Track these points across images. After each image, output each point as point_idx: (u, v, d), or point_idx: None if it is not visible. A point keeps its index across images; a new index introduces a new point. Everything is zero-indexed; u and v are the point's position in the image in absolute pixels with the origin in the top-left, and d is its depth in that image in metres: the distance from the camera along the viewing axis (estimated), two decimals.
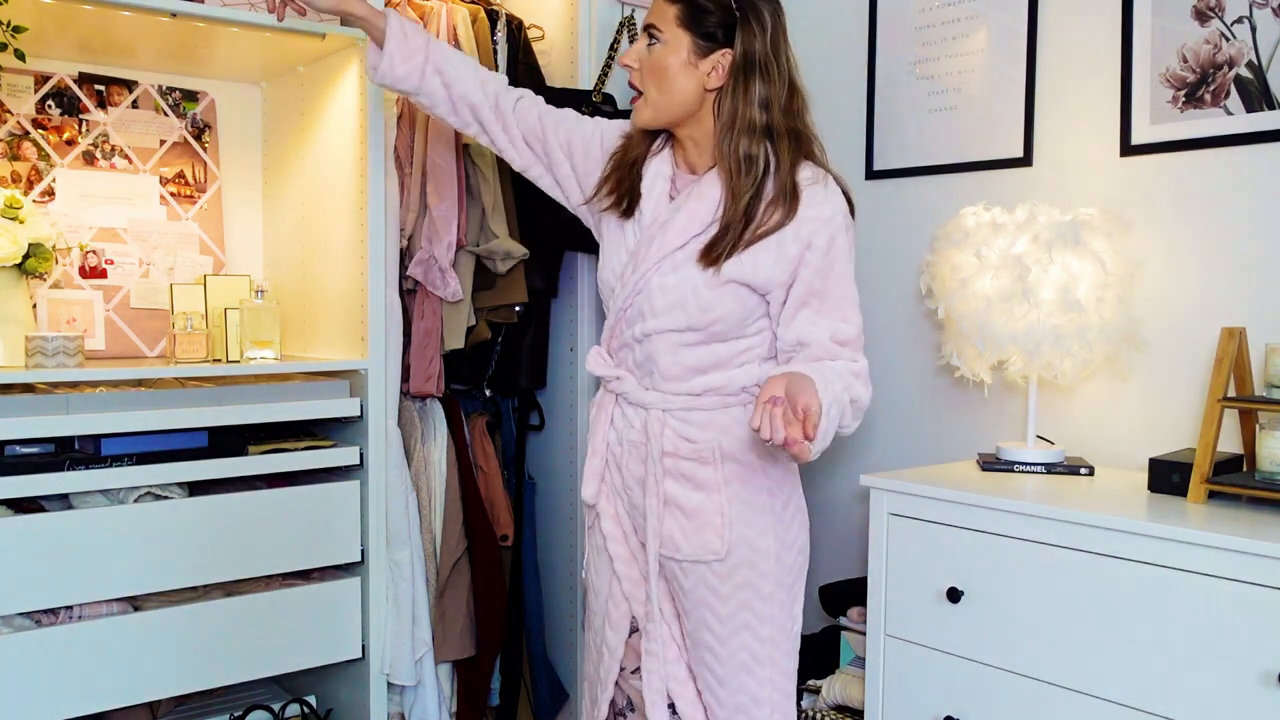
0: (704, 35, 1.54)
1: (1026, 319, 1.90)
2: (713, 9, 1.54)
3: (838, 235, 1.57)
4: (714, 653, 1.62)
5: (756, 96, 1.54)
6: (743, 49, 1.54)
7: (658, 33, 1.57)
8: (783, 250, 1.55)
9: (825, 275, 1.56)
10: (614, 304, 1.65)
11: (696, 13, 1.54)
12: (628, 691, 1.73)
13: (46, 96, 2.19)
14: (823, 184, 1.58)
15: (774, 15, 1.57)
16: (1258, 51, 1.86)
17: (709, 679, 1.64)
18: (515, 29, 2.38)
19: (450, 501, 2.31)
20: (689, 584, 1.62)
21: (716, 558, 1.58)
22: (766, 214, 1.55)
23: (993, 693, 1.76)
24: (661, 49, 1.56)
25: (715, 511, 1.58)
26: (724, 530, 1.58)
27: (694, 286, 1.56)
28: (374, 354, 2.11)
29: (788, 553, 1.63)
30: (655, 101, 1.59)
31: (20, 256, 1.85)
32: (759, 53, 1.54)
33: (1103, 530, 1.61)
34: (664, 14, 1.57)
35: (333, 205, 2.20)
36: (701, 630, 1.61)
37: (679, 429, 1.61)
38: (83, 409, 1.81)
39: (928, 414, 2.40)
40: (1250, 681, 1.47)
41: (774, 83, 1.55)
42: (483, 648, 2.32)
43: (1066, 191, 2.13)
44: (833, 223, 1.56)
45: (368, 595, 2.14)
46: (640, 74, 1.60)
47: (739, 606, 1.59)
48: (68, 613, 1.84)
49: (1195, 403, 1.96)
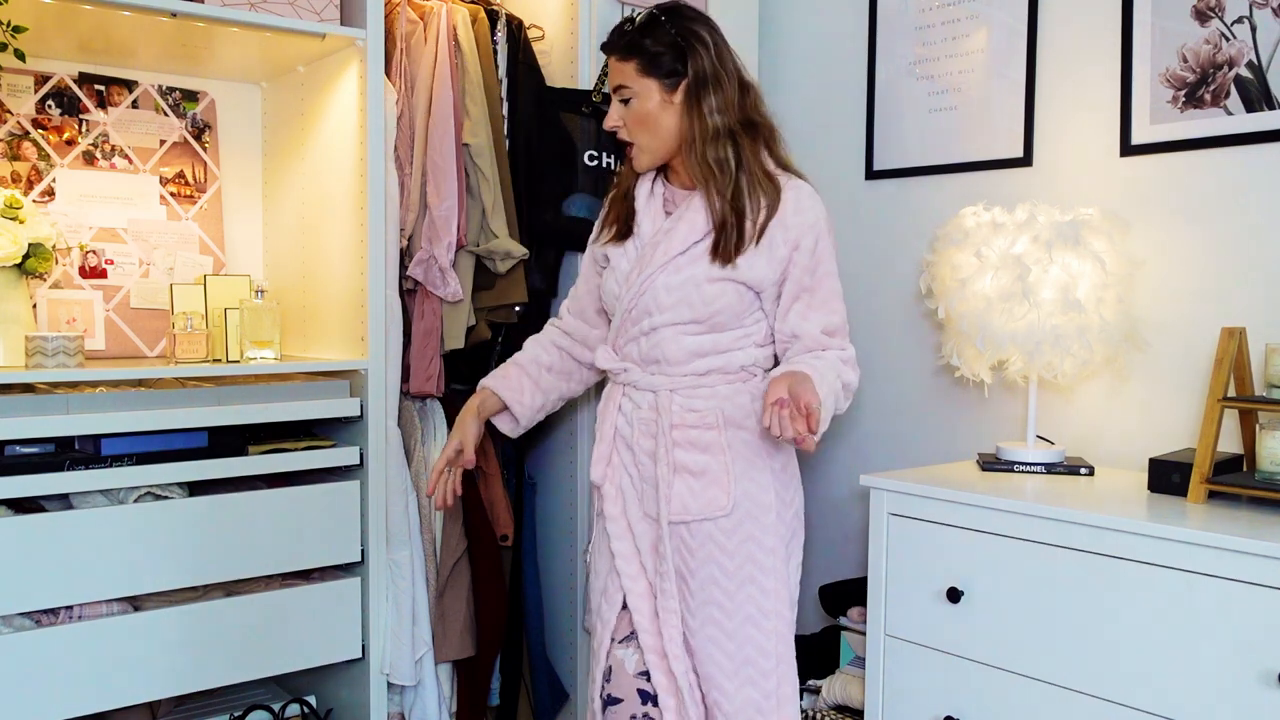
0: (666, 74, 1.70)
1: (1026, 319, 1.90)
2: (663, 49, 1.69)
3: (821, 237, 1.74)
4: (722, 608, 1.71)
5: (713, 106, 1.68)
6: (694, 72, 1.69)
7: (626, 89, 1.72)
8: (774, 253, 1.71)
9: (813, 273, 1.73)
10: (620, 306, 1.78)
11: (651, 59, 1.69)
12: (610, 662, 1.80)
13: (46, 96, 2.19)
14: (795, 189, 1.73)
15: (710, 30, 1.73)
16: (1258, 51, 1.86)
17: (717, 635, 1.71)
18: (515, 29, 2.38)
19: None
20: (696, 543, 1.72)
21: (723, 513, 1.70)
22: (754, 204, 1.71)
23: (993, 693, 1.76)
24: (637, 102, 1.72)
25: (721, 470, 1.71)
26: (729, 486, 1.71)
27: (697, 284, 1.71)
28: (374, 354, 2.11)
29: (786, 510, 1.76)
30: (649, 146, 1.74)
31: (20, 256, 1.85)
32: (708, 69, 1.69)
33: (1103, 530, 1.61)
34: (625, 72, 1.72)
35: (333, 205, 2.20)
36: (710, 587, 1.71)
37: (686, 403, 1.74)
38: (83, 409, 1.81)
39: (928, 414, 2.40)
40: (1250, 681, 1.47)
41: (725, 89, 1.70)
42: (483, 648, 2.32)
43: (1066, 191, 2.13)
44: (816, 226, 1.73)
45: (368, 595, 2.14)
46: (627, 129, 1.75)
47: (744, 560, 1.70)
48: (68, 612, 1.84)
49: (1195, 403, 1.96)
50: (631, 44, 1.70)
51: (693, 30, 1.70)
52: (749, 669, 1.70)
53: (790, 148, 2.63)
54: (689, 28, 1.70)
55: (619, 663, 1.78)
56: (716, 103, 1.68)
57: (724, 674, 1.71)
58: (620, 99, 1.73)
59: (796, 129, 2.66)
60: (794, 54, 2.67)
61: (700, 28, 1.71)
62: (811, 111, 2.63)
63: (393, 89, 2.19)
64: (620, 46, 1.72)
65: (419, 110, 2.23)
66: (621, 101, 1.73)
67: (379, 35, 2.08)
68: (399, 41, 2.24)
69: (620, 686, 1.76)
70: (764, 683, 1.71)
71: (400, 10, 2.24)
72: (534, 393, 1.92)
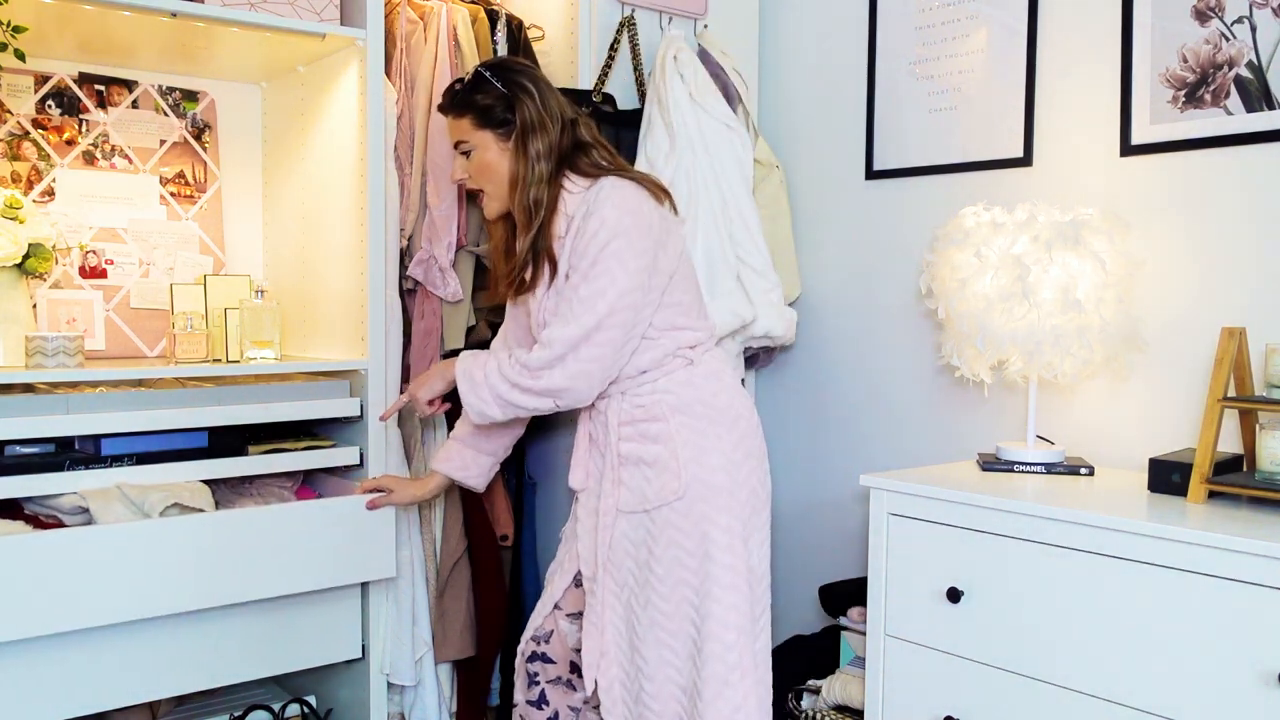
0: (499, 124, 1.80)
1: (1026, 319, 1.90)
2: (492, 101, 1.80)
3: (595, 231, 1.75)
4: (689, 585, 1.77)
5: (539, 150, 1.79)
6: (520, 120, 1.79)
7: (465, 144, 1.84)
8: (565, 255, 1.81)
9: (575, 268, 1.76)
10: (535, 333, 1.89)
11: (483, 112, 1.80)
12: (551, 627, 1.94)
13: (46, 96, 2.19)
14: (596, 189, 1.77)
15: (533, 78, 1.83)
16: (1258, 51, 1.86)
17: (690, 613, 1.77)
18: (515, 29, 2.38)
19: (450, 501, 2.31)
20: (658, 529, 1.79)
21: (677, 497, 1.77)
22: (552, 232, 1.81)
23: (993, 693, 1.76)
24: (476, 154, 1.83)
25: (671, 457, 1.78)
26: (680, 471, 1.77)
27: (554, 304, 1.79)
28: (374, 354, 2.11)
29: (739, 490, 1.80)
30: (495, 193, 1.85)
31: (20, 256, 1.85)
32: (533, 116, 1.79)
33: (1103, 530, 1.61)
34: (461, 128, 1.83)
35: (333, 205, 2.20)
36: (676, 569, 1.78)
37: (634, 400, 1.83)
38: (83, 409, 1.81)
39: (928, 414, 2.40)
40: (1250, 681, 1.47)
41: (549, 132, 1.80)
42: (483, 648, 2.32)
43: (1066, 191, 2.13)
44: (592, 217, 1.75)
45: (368, 595, 2.14)
46: (473, 180, 1.86)
47: (700, 539, 1.77)
48: None
49: (1195, 403, 1.96)
50: (463, 101, 1.81)
51: (517, 81, 1.80)
52: (713, 643, 1.75)
53: (790, 148, 2.66)
54: (514, 79, 1.80)
55: (561, 633, 1.93)
56: (541, 147, 1.78)
57: (695, 648, 1.76)
58: (461, 152, 1.86)
59: (796, 129, 2.66)
60: (794, 54, 2.67)
61: (524, 79, 1.81)
62: (811, 111, 2.63)
63: (393, 89, 2.19)
64: (454, 105, 1.83)
65: (419, 110, 2.23)
66: (464, 154, 1.85)
67: (379, 35, 2.08)
68: (399, 41, 2.24)
69: (555, 651, 1.93)
70: (728, 655, 1.75)
71: (400, 10, 2.24)
72: (477, 458, 2.02)
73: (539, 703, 1.92)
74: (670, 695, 1.78)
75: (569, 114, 1.84)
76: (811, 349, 2.64)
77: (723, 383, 1.85)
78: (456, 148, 1.86)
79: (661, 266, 1.77)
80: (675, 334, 1.82)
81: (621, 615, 1.83)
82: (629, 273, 1.71)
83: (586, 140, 1.84)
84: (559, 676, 1.93)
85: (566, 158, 1.81)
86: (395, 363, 2.19)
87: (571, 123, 1.84)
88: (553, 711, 1.92)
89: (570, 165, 1.82)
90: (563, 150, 1.81)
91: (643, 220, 1.74)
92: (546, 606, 1.93)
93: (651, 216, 1.76)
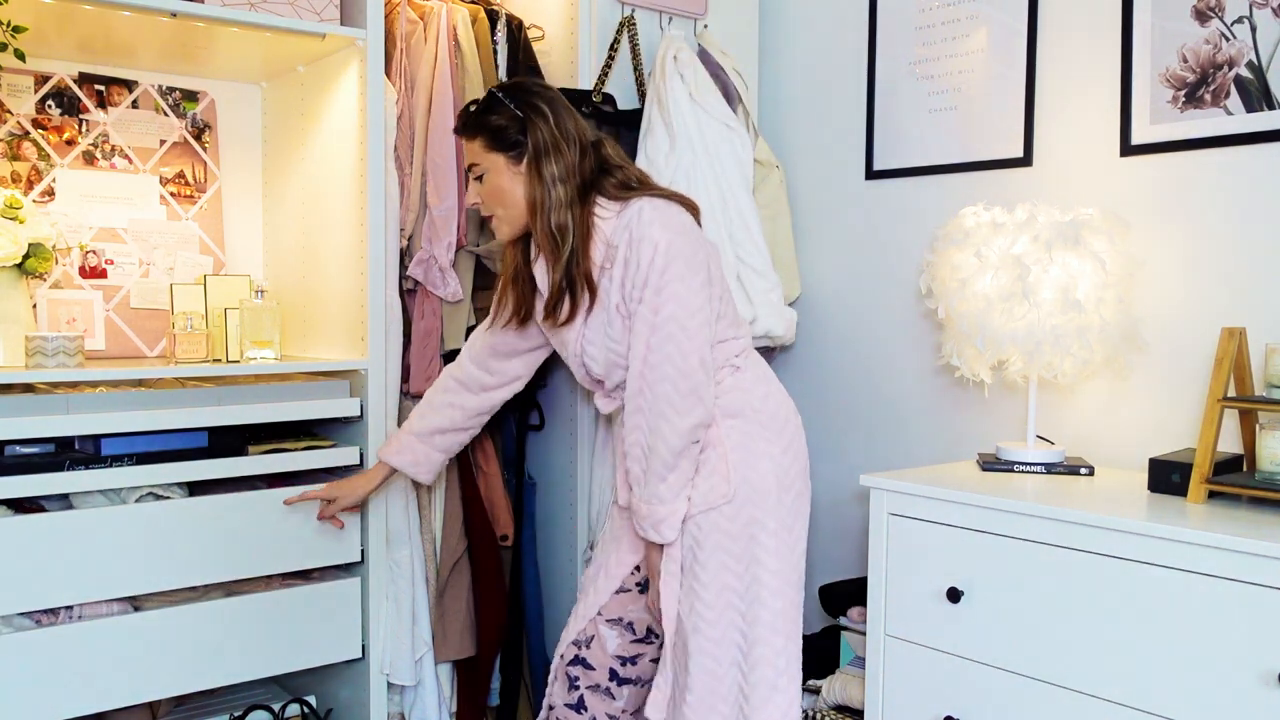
0: (511, 146, 1.76)
1: (1026, 319, 1.90)
2: (505, 123, 1.75)
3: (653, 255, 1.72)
4: (734, 590, 1.77)
5: (555, 174, 1.74)
6: (532, 143, 1.74)
7: (478, 166, 1.79)
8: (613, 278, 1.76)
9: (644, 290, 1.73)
10: (574, 371, 1.89)
11: (494, 134, 1.76)
12: (592, 632, 1.91)
13: (46, 96, 2.19)
14: (634, 210, 1.73)
15: (548, 99, 1.78)
16: (1258, 51, 1.86)
17: (735, 618, 1.77)
18: (515, 29, 2.38)
19: (450, 501, 2.31)
20: (704, 534, 1.77)
21: (725, 500, 1.76)
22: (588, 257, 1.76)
23: (993, 693, 1.76)
24: (489, 177, 1.78)
25: (720, 459, 1.77)
26: (729, 474, 1.76)
27: (604, 343, 1.79)
28: (374, 354, 2.11)
29: (786, 494, 1.80)
30: (506, 217, 1.80)
31: (20, 256, 1.85)
32: (547, 139, 1.74)
33: (1103, 530, 1.61)
34: (474, 151, 1.79)
35: (333, 205, 2.20)
36: (722, 574, 1.77)
37: None
38: (83, 409, 1.81)
39: (928, 414, 2.40)
40: (1250, 681, 1.47)
41: (566, 155, 1.75)
42: (483, 648, 2.32)
43: (1066, 191, 2.13)
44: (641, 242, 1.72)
45: (367, 595, 2.14)
46: (485, 204, 1.82)
47: (749, 543, 1.76)
48: (68, 612, 1.84)
49: (1195, 403, 1.96)
50: (475, 123, 1.77)
51: (530, 103, 1.75)
52: (761, 648, 1.75)
53: (790, 148, 2.66)
54: (527, 100, 1.76)
55: (601, 638, 1.90)
56: (558, 170, 1.73)
57: (742, 653, 1.76)
58: (474, 176, 1.81)
59: (796, 129, 2.66)
60: (794, 54, 2.67)
61: (538, 100, 1.76)
62: (811, 111, 2.63)
63: (393, 89, 2.19)
64: (466, 127, 1.79)
65: (419, 110, 2.23)
66: (476, 179, 1.81)
67: (379, 35, 2.08)
68: (399, 41, 2.24)
69: (596, 657, 1.90)
70: (777, 660, 1.76)
71: (400, 10, 2.25)
72: (431, 455, 2.01)
73: (578, 707, 1.91)
74: (710, 706, 1.77)
75: (589, 136, 1.80)
76: (811, 349, 2.64)
77: (771, 386, 1.86)
78: (469, 171, 1.82)
79: (714, 279, 1.77)
80: (723, 346, 1.81)
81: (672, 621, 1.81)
82: (693, 290, 1.70)
83: (613, 162, 1.80)
84: (597, 684, 1.90)
85: (592, 182, 1.77)
86: (395, 363, 2.19)
87: (594, 145, 1.79)
88: (590, 717, 1.90)
89: (598, 189, 1.77)
90: (585, 174, 1.76)
91: (692, 237, 1.73)
92: (590, 611, 1.90)
93: (695, 231, 1.75)
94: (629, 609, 1.91)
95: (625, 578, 1.90)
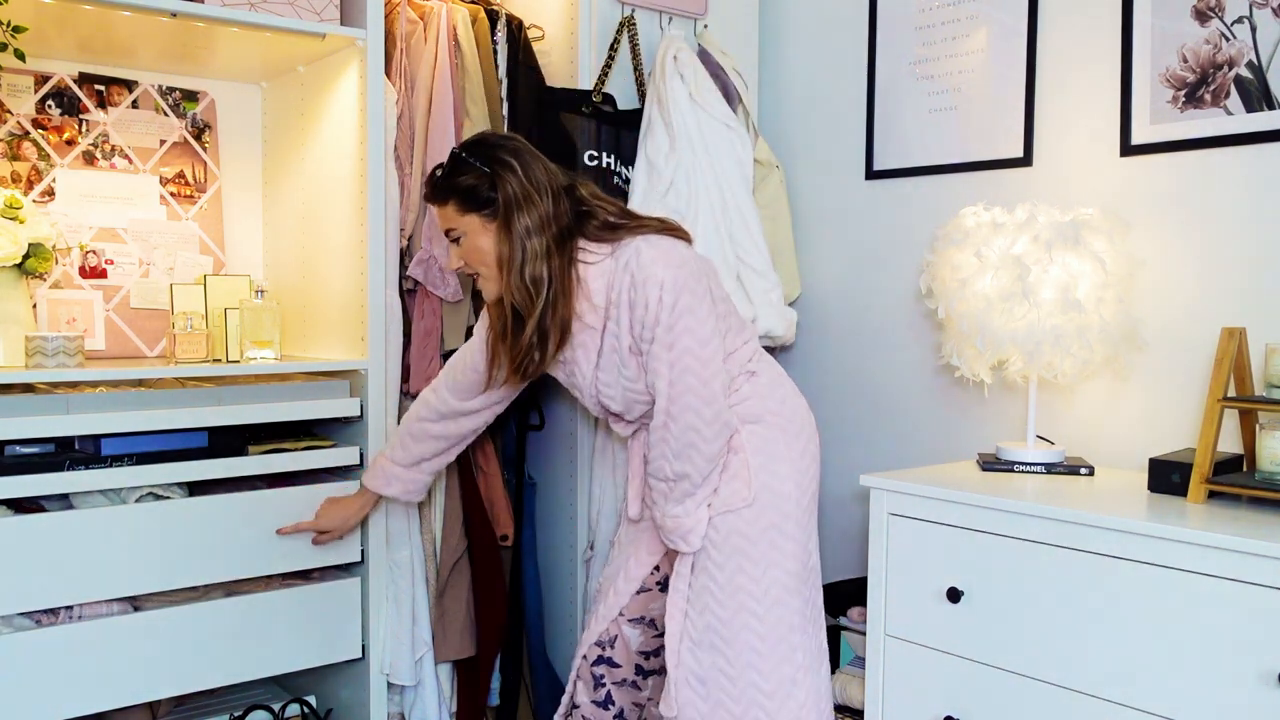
0: (484, 204, 1.72)
1: (1026, 319, 1.90)
2: (474, 182, 1.71)
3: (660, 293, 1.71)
4: (749, 592, 1.77)
5: (528, 227, 1.70)
6: (503, 198, 1.70)
7: (454, 230, 1.76)
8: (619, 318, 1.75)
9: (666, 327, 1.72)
10: (589, 408, 1.90)
11: (465, 195, 1.72)
12: (616, 632, 1.94)
13: (46, 96, 2.19)
14: (630, 253, 1.71)
15: (513, 150, 1.73)
16: (1258, 51, 1.86)
17: (750, 620, 1.77)
18: (515, 29, 2.38)
19: (450, 501, 2.31)
20: (721, 537, 1.77)
21: (745, 504, 1.76)
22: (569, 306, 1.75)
23: (993, 693, 1.76)
24: (466, 239, 1.75)
25: (742, 465, 1.78)
26: (750, 479, 1.77)
27: (618, 384, 1.79)
28: (374, 354, 2.11)
29: (804, 496, 1.83)
30: (490, 275, 1.76)
31: (20, 256, 1.85)
32: (517, 191, 1.70)
33: (1103, 530, 1.61)
34: (448, 215, 1.75)
35: (333, 205, 2.20)
36: (738, 575, 1.77)
37: None
38: (83, 409, 1.81)
39: (928, 414, 2.40)
40: (1250, 681, 1.47)
41: (539, 204, 1.71)
42: (483, 648, 2.32)
43: (1066, 191, 2.13)
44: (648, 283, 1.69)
45: (367, 595, 2.14)
46: (469, 265, 1.78)
47: (768, 547, 1.77)
48: (68, 613, 1.84)
49: (1195, 403, 1.96)
50: (445, 187, 1.74)
51: (496, 157, 1.71)
52: (783, 646, 1.77)
53: (790, 148, 2.66)
54: (493, 155, 1.72)
55: (625, 638, 1.93)
56: (531, 222, 1.69)
57: (759, 655, 1.77)
58: (452, 239, 1.78)
59: (796, 129, 2.66)
60: (794, 54, 2.67)
61: (503, 153, 1.72)
62: (811, 111, 2.63)
63: (393, 89, 2.19)
64: (436, 192, 1.76)
65: (419, 110, 2.23)
66: (454, 242, 1.77)
67: (379, 35, 2.08)
68: (399, 41, 2.24)
69: (620, 655, 1.94)
70: (794, 655, 1.78)
71: (400, 10, 2.25)
72: (418, 479, 2.01)
73: (605, 703, 1.94)
74: (723, 705, 1.78)
75: (561, 181, 1.76)
76: (811, 349, 2.64)
77: (786, 389, 1.88)
78: (447, 235, 1.78)
79: (716, 299, 1.77)
80: (734, 356, 1.83)
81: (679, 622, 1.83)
82: (702, 321, 1.70)
83: (589, 202, 1.77)
84: (624, 679, 1.95)
85: (571, 228, 1.74)
86: (395, 363, 2.19)
87: (567, 189, 1.76)
88: (619, 709, 1.95)
89: (580, 233, 1.74)
90: (561, 220, 1.72)
91: (692, 268, 1.72)
92: (611, 612, 1.93)
93: (693, 260, 1.74)
94: (650, 607, 1.94)
95: (645, 578, 1.92)
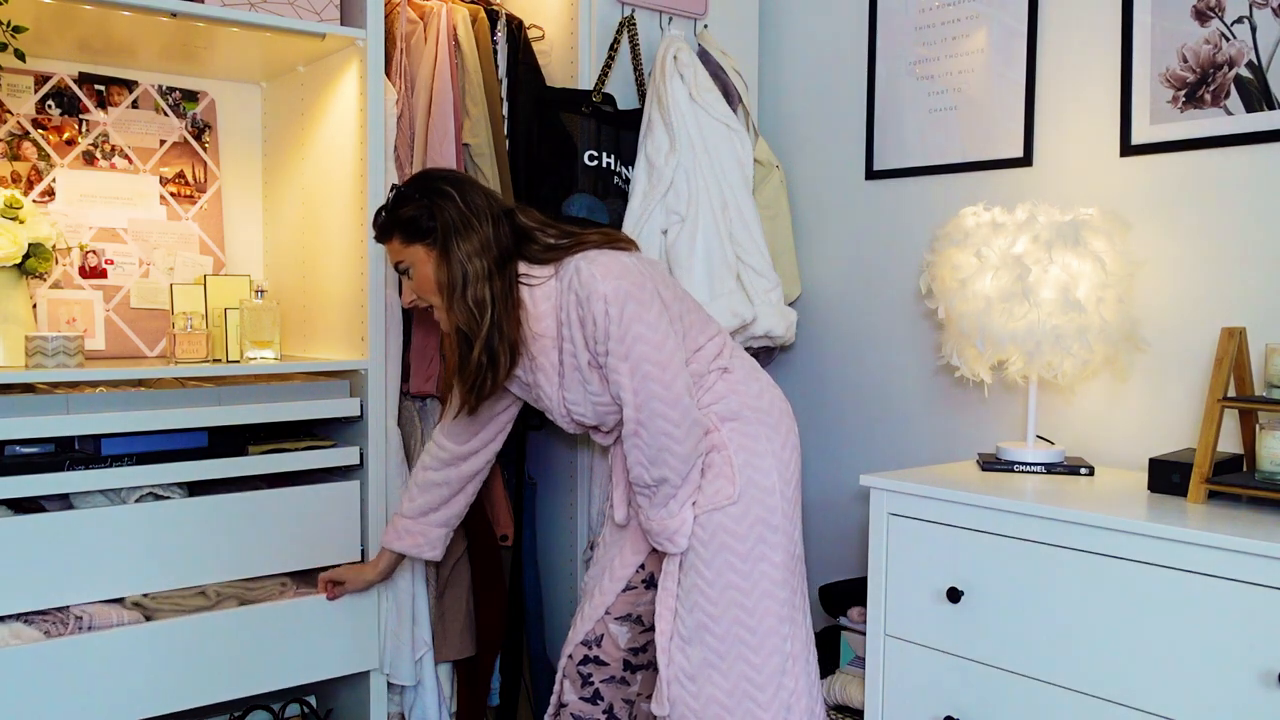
0: (425, 234, 1.74)
1: (1026, 319, 1.90)
2: (414, 213, 1.74)
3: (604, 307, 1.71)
4: (738, 588, 1.78)
5: (468, 252, 1.72)
6: (440, 225, 1.73)
7: (403, 263, 1.78)
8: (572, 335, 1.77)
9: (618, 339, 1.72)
10: (562, 425, 1.90)
11: (406, 226, 1.74)
12: (601, 630, 1.95)
13: (46, 96, 2.19)
14: (571, 272, 1.72)
15: (453, 181, 1.77)
16: (1258, 51, 1.86)
17: (740, 614, 1.78)
18: (515, 29, 2.38)
19: None
20: (708, 534, 1.78)
21: (731, 502, 1.78)
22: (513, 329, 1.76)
23: (993, 693, 1.76)
24: (415, 271, 1.77)
25: (725, 463, 1.80)
26: (734, 476, 1.78)
27: (584, 399, 1.80)
28: (374, 354, 2.11)
29: (788, 487, 1.84)
30: (440, 304, 1.78)
31: (20, 256, 1.85)
32: (455, 218, 1.72)
33: (1103, 530, 1.61)
34: (395, 249, 1.78)
35: (333, 205, 2.20)
36: (727, 572, 1.78)
37: None
38: (83, 409, 1.81)
39: (928, 414, 2.40)
40: (1250, 681, 1.47)
41: (479, 229, 1.73)
42: (483, 648, 2.32)
43: (1066, 191, 2.13)
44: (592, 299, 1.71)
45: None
46: (421, 298, 1.81)
47: (756, 542, 1.78)
48: (78, 623, 1.82)
49: (1195, 403, 1.96)
50: (387, 221, 1.77)
51: (435, 188, 1.75)
52: (773, 637, 1.78)
53: (790, 148, 2.66)
54: (431, 186, 1.75)
55: (612, 635, 1.94)
56: (471, 247, 1.72)
57: (749, 647, 1.78)
58: (401, 272, 1.81)
59: (796, 129, 2.66)
60: (794, 54, 2.67)
61: (442, 184, 1.75)
62: (811, 111, 2.63)
63: (393, 89, 2.19)
64: (380, 228, 1.79)
65: (419, 110, 2.23)
66: (405, 276, 1.80)
67: (379, 35, 2.08)
68: (399, 41, 2.24)
69: (608, 653, 1.94)
70: (784, 646, 1.79)
71: (400, 10, 2.25)
72: (429, 531, 2.01)
73: (593, 699, 1.96)
74: (714, 699, 1.78)
75: (501, 207, 1.79)
76: (811, 349, 2.64)
77: (761, 383, 1.89)
78: (397, 269, 1.81)
79: (668, 301, 1.77)
80: (700, 354, 1.84)
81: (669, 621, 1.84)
82: (653, 325, 1.71)
83: (529, 226, 1.80)
84: (612, 675, 1.96)
85: (512, 251, 1.76)
86: (395, 363, 2.19)
87: (506, 214, 1.79)
88: (607, 705, 1.96)
89: (522, 256, 1.77)
90: (502, 244, 1.75)
91: (634, 275, 1.72)
92: (597, 612, 1.94)
93: (635, 267, 1.75)
94: (636, 605, 1.94)
95: (631, 577, 1.93)
